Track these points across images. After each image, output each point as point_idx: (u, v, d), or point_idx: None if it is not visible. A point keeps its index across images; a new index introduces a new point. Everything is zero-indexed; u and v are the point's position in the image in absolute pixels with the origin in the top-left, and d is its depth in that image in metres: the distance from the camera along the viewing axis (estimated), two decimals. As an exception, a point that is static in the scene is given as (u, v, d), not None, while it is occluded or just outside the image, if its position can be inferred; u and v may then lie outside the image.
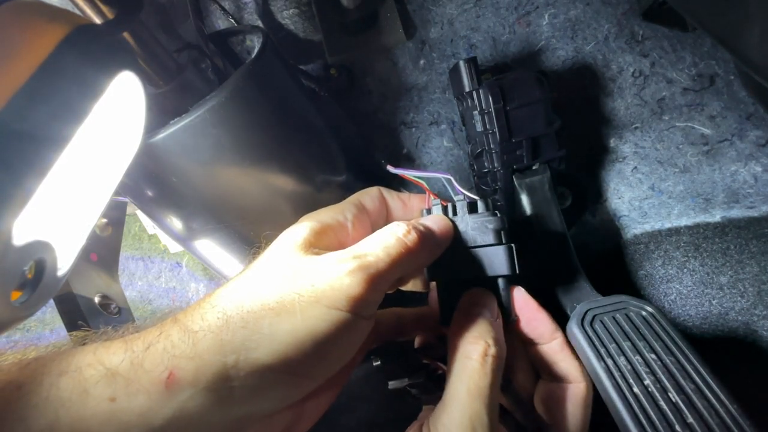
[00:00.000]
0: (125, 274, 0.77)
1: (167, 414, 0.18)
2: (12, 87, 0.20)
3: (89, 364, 0.19)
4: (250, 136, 0.36)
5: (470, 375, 0.22)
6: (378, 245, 0.22)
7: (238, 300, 0.21)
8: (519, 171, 0.40)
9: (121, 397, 0.18)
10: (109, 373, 0.18)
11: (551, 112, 0.39)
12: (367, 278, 0.21)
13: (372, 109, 0.53)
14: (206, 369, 0.19)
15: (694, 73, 0.44)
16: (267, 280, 0.22)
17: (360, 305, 0.21)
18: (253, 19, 0.52)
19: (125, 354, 0.19)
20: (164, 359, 0.19)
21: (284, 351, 0.20)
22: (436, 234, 0.26)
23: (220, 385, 0.19)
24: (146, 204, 0.40)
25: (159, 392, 0.18)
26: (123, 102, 0.27)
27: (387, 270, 0.22)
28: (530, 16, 0.47)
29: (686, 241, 0.44)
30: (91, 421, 0.17)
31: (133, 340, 0.20)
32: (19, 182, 0.20)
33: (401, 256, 0.22)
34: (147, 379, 0.18)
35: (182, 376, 0.19)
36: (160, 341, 0.20)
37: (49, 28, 0.22)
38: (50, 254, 0.22)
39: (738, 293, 0.41)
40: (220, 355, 0.19)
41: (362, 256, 0.22)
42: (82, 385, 0.18)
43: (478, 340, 0.23)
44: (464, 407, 0.21)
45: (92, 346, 0.20)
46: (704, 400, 0.23)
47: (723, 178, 0.44)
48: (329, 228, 0.25)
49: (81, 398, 0.18)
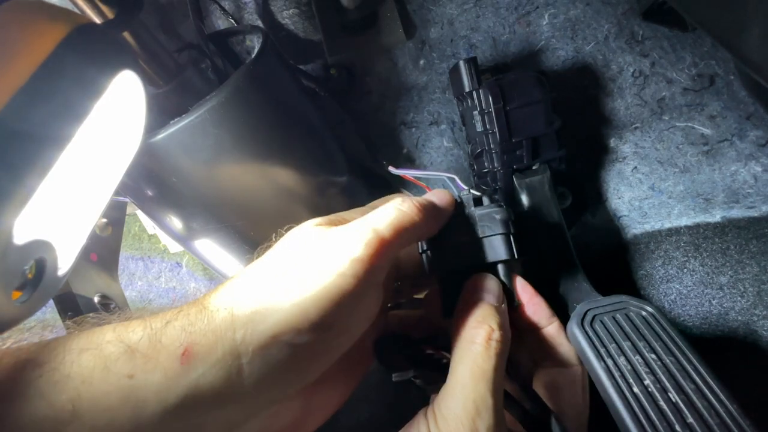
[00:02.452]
0: (125, 274, 0.77)
1: (180, 391, 0.18)
2: (12, 86, 0.20)
3: (109, 341, 0.19)
4: (250, 136, 0.36)
5: (474, 359, 0.22)
6: (380, 215, 0.23)
7: (253, 279, 0.22)
8: (519, 171, 0.40)
9: (139, 374, 0.18)
10: (129, 349, 0.18)
11: (551, 112, 0.39)
12: (372, 243, 0.21)
13: (372, 109, 0.53)
14: (218, 345, 0.19)
15: (694, 73, 0.44)
16: (280, 258, 0.22)
17: (366, 271, 0.21)
18: (253, 19, 0.52)
19: (144, 331, 0.19)
20: (181, 336, 0.19)
21: (289, 320, 0.20)
22: (435, 204, 0.27)
23: (231, 362, 0.19)
24: (146, 204, 0.40)
25: (174, 369, 0.18)
26: (123, 101, 0.27)
27: (390, 237, 0.22)
28: (530, 16, 0.47)
29: (686, 241, 0.44)
30: (111, 397, 0.17)
31: (152, 318, 0.20)
32: (19, 182, 0.20)
33: (402, 224, 0.23)
34: (164, 355, 0.19)
35: (197, 351, 0.19)
36: (178, 319, 0.20)
37: (50, 27, 0.22)
38: (51, 254, 0.22)
39: (738, 293, 0.41)
40: (230, 331, 0.19)
41: (367, 224, 0.22)
42: (103, 362, 0.18)
43: (481, 325, 0.24)
44: (468, 391, 0.21)
45: (111, 325, 0.20)
46: (704, 400, 0.23)
47: (723, 178, 0.44)
48: (345, 222, 0.25)
49: (101, 375, 0.18)
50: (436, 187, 0.27)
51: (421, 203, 0.25)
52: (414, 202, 0.25)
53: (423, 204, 0.25)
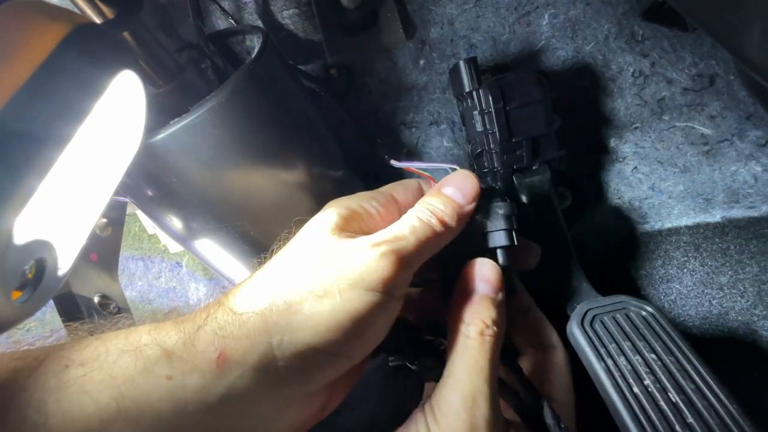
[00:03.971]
0: (125, 274, 0.77)
1: (219, 392, 0.19)
2: (12, 86, 0.20)
3: (146, 344, 0.20)
4: (250, 136, 0.36)
5: (470, 352, 0.23)
6: (406, 229, 0.24)
7: (280, 283, 0.22)
8: (519, 171, 0.40)
9: (177, 375, 0.19)
10: (166, 353, 0.19)
11: (551, 112, 0.39)
12: (398, 260, 0.22)
13: (372, 109, 0.53)
14: (253, 349, 0.20)
15: (694, 73, 0.44)
16: (304, 263, 0.23)
17: (393, 286, 0.22)
18: (253, 19, 0.52)
19: (178, 335, 0.20)
20: (214, 340, 0.20)
21: (325, 332, 0.21)
22: (461, 205, 0.26)
23: (267, 364, 0.20)
24: (146, 204, 0.40)
25: (211, 371, 0.19)
26: (123, 101, 0.27)
27: (416, 251, 0.23)
28: (530, 16, 0.47)
29: (686, 241, 0.44)
30: (152, 397, 0.18)
31: (183, 322, 0.21)
32: (19, 181, 0.20)
33: (428, 238, 0.24)
34: (200, 358, 0.19)
35: (231, 355, 0.20)
36: (208, 323, 0.21)
37: (50, 27, 0.22)
38: (51, 253, 0.22)
39: (738, 293, 0.41)
40: (266, 335, 0.20)
41: (393, 240, 0.23)
42: (143, 364, 0.19)
43: (476, 318, 0.24)
44: (465, 384, 0.22)
45: (145, 327, 0.21)
46: (704, 400, 0.23)
47: (723, 178, 0.44)
48: (356, 215, 0.26)
49: (143, 376, 0.19)
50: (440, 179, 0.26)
51: (445, 214, 0.25)
52: (439, 215, 0.25)
53: (449, 213, 0.25)
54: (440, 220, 0.25)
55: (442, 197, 0.26)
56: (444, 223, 0.25)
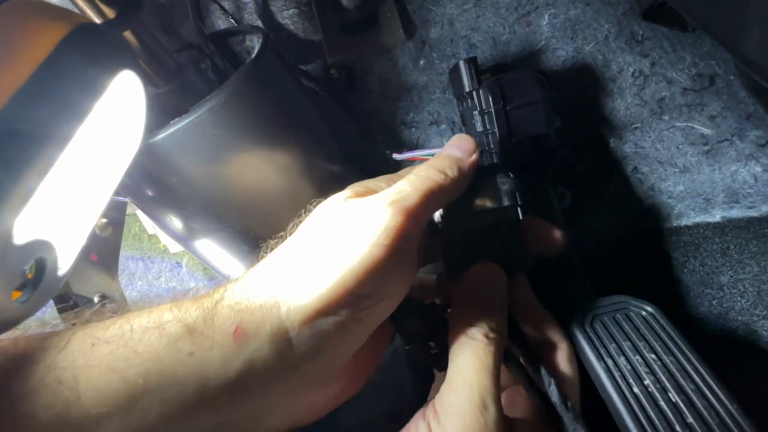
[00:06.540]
0: (125, 274, 0.77)
1: (238, 366, 0.19)
2: (12, 86, 0.20)
3: (168, 321, 0.20)
4: (250, 137, 0.36)
5: (475, 352, 0.23)
6: (405, 183, 0.24)
7: (289, 254, 0.22)
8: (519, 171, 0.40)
9: (198, 351, 0.19)
10: (187, 328, 0.20)
11: (551, 112, 0.39)
12: (402, 211, 0.22)
13: (372, 109, 0.53)
14: (266, 322, 0.20)
15: (694, 73, 0.44)
16: (314, 233, 0.23)
17: (400, 238, 0.22)
18: (253, 19, 0.52)
19: (197, 311, 0.20)
20: (231, 315, 0.20)
21: (328, 293, 0.20)
22: (460, 158, 0.26)
23: (279, 336, 0.20)
24: (146, 204, 0.40)
25: (230, 345, 0.20)
26: (123, 101, 0.27)
27: (419, 203, 0.23)
28: (530, 16, 0.47)
29: (686, 241, 0.44)
30: (177, 373, 0.19)
31: (202, 299, 0.21)
32: (19, 181, 0.20)
33: (430, 188, 0.24)
34: (219, 333, 0.20)
35: (247, 328, 0.20)
36: (225, 298, 0.21)
37: (50, 27, 0.22)
38: (51, 253, 0.22)
39: (738, 293, 0.41)
40: (275, 307, 0.20)
41: (394, 194, 0.23)
42: (167, 340, 0.19)
43: (480, 321, 0.24)
44: (473, 383, 0.22)
45: (167, 305, 0.21)
46: (704, 400, 0.23)
47: (723, 178, 0.44)
48: (370, 190, 0.26)
49: (167, 352, 0.19)
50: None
51: (444, 165, 0.25)
52: (438, 167, 0.25)
53: (448, 164, 0.25)
54: (439, 170, 0.25)
55: (439, 155, 0.27)
56: (443, 172, 0.25)
